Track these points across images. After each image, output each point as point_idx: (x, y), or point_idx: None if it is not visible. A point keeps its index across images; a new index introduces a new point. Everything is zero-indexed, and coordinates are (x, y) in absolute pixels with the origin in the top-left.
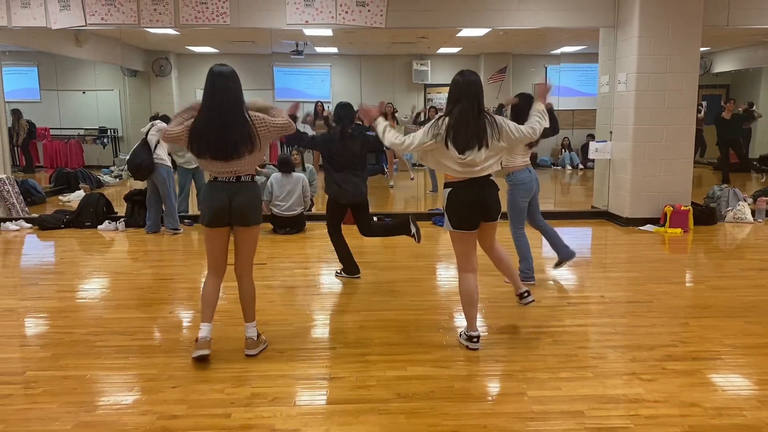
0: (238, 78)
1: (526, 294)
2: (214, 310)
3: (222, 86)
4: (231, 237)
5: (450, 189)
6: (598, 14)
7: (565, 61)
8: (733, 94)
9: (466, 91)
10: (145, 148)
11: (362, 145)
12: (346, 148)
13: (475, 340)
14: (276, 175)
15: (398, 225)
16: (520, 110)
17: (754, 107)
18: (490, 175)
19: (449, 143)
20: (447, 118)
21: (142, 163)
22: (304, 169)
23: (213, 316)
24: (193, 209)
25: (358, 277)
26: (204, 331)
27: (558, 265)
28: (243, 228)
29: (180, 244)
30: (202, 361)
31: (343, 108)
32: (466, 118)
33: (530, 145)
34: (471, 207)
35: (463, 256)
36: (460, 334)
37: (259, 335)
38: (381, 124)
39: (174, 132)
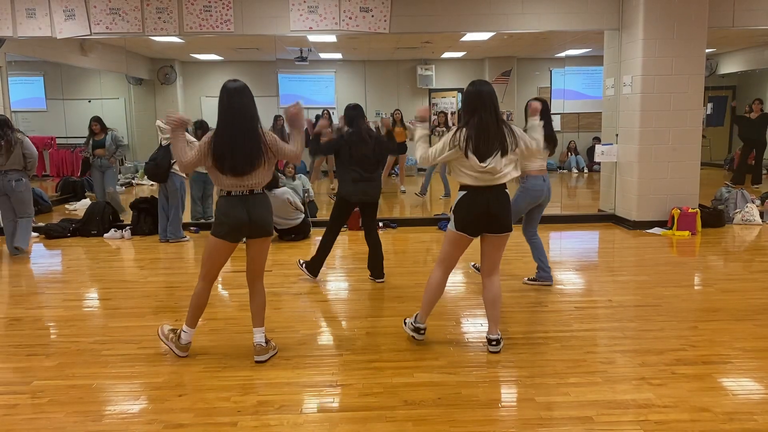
0: (251, 92)
1: (494, 342)
2: None
3: (239, 103)
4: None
5: (465, 192)
6: (603, 17)
7: (570, 64)
8: (739, 96)
9: (482, 100)
10: (168, 152)
11: (376, 145)
12: (359, 148)
13: (422, 332)
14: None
15: (317, 260)
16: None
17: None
18: (504, 185)
19: (469, 153)
20: (465, 129)
21: (160, 164)
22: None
23: None
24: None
25: (315, 281)
26: (189, 335)
27: (531, 281)
28: (261, 239)
29: (186, 252)
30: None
31: (354, 109)
32: (486, 127)
33: (550, 150)
34: (480, 214)
35: (449, 256)
36: (405, 322)
37: (268, 341)
38: (419, 132)
39: (190, 160)
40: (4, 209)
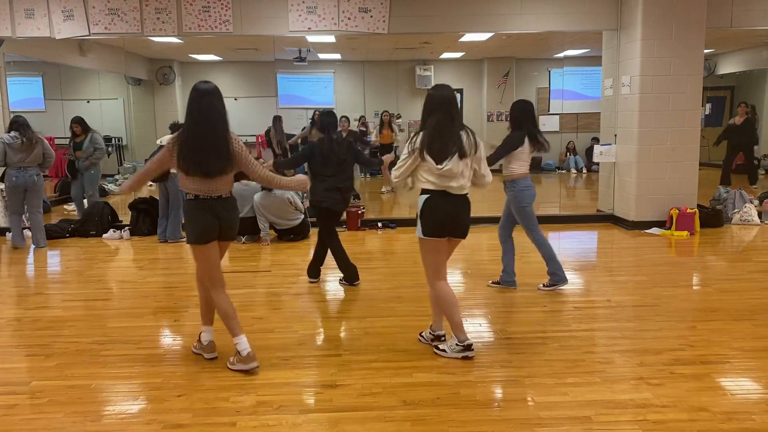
0: (221, 95)
1: (443, 338)
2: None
3: (208, 104)
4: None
5: (427, 196)
6: (601, 17)
7: (569, 65)
8: (738, 96)
9: (439, 103)
10: None
11: (348, 151)
12: (332, 154)
13: (471, 347)
14: (259, 194)
15: (346, 266)
16: (523, 119)
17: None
18: (467, 194)
19: (425, 154)
20: (421, 132)
21: None
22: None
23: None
24: None
25: (358, 283)
26: (243, 343)
27: (495, 284)
28: (227, 242)
29: (184, 252)
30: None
31: (328, 115)
32: (440, 128)
33: (539, 149)
34: (446, 216)
35: (435, 265)
36: (440, 348)
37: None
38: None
39: (152, 169)
40: (15, 204)
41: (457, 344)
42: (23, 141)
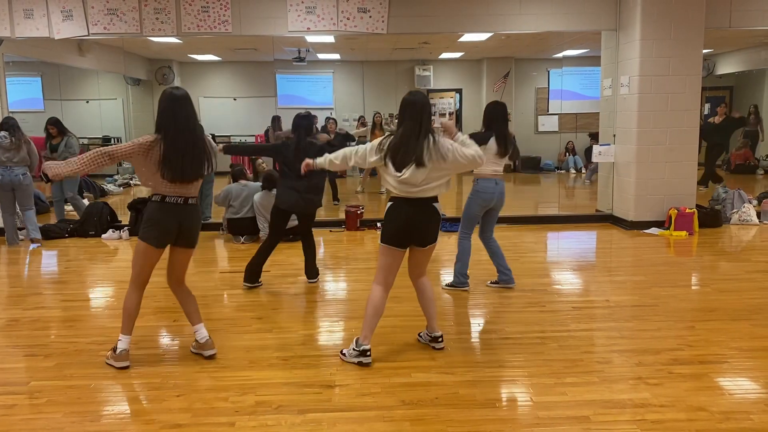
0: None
1: (440, 339)
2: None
3: (188, 111)
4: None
5: (391, 203)
6: (600, 17)
7: (568, 65)
8: (737, 96)
9: (411, 110)
10: None
11: (317, 155)
12: (302, 157)
13: (368, 354)
14: (259, 194)
15: (254, 265)
16: (492, 120)
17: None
18: (432, 199)
19: (387, 160)
20: (392, 137)
21: None
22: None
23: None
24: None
25: (254, 286)
26: (125, 342)
27: (494, 284)
28: (186, 249)
29: None
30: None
31: (304, 118)
32: (407, 138)
33: (510, 156)
34: (405, 225)
35: (385, 269)
36: (343, 353)
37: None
38: (320, 161)
39: (110, 156)
40: (6, 204)
41: (354, 349)
42: (12, 141)
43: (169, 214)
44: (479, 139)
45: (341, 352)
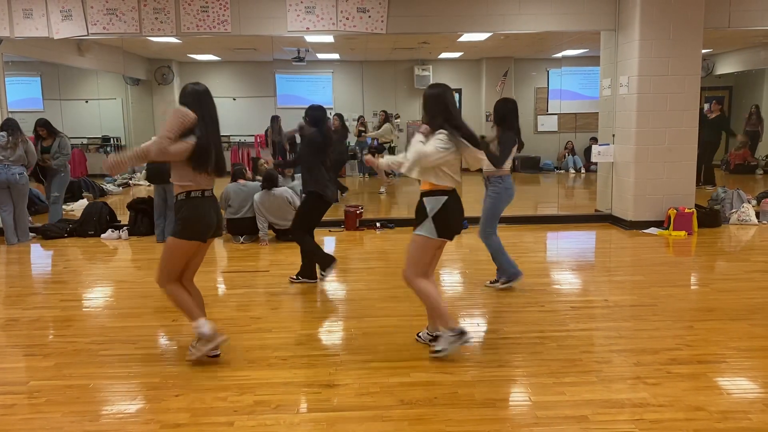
0: None
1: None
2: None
3: (212, 104)
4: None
5: (447, 198)
6: (599, 17)
7: (567, 65)
8: (736, 96)
9: (448, 100)
10: None
11: (338, 147)
12: (331, 147)
13: (464, 331)
14: (259, 194)
15: (321, 255)
16: (503, 116)
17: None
18: None
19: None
20: (449, 130)
21: (163, 165)
22: (293, 179)
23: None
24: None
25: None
26: (205, 325)
27: (493, 283)
28: (211, 241)
29: None
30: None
31: (318, 109)
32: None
33: (519, 149)
34: (458, 219)
35: (426, 265)
36: (436, 350)
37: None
38: (383, 162)
39: (179, 149)
40: (2, 202)
41: (450, 335)
42: (9, 140)
43: (210, 207)
44: (511, 142)
45: (433, 351)
